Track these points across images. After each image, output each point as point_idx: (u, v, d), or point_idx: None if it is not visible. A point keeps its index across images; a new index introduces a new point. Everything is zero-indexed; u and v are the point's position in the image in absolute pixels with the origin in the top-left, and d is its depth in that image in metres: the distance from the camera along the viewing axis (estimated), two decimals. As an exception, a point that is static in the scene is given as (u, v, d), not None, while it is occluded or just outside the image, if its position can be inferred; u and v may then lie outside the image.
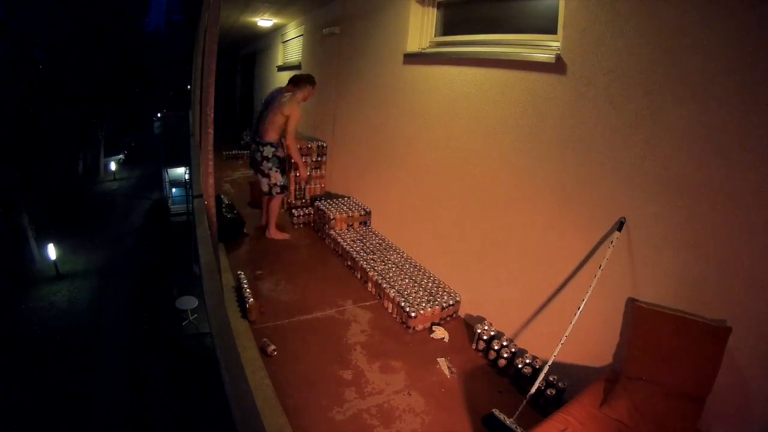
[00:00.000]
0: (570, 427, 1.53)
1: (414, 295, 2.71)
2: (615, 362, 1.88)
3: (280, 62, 7.39)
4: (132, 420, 7.46)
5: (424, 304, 2.61)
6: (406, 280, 2.90)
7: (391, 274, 2.97)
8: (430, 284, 2.86)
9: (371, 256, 3.22)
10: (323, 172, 4.63)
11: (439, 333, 2.55)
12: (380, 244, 3.46)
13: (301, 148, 4.10)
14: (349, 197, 4.21)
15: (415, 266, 3.12)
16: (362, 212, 3.82)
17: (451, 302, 2.69)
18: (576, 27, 1.94)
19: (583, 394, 1.71)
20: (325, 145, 4.58)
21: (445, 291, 2.80)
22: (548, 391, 1.98)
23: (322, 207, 3.87)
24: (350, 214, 3.75)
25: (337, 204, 3.94)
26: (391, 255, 3.27)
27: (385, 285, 2.81)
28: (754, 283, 1.44)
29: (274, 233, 3.77)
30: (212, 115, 1.98)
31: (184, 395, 7.79)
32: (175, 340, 9.31)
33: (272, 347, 2.27)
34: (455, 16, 3.09)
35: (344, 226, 3.74)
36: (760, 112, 1.38)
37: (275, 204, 3.71)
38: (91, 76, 17.24)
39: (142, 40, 21.24)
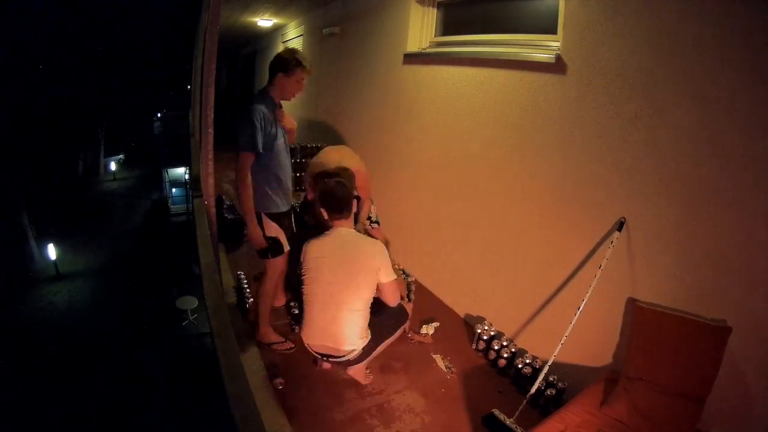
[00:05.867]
0: (570, 427, 1.53)
1: None
2: (615, 362, 1.88)
3: (280, 62, 7.38)
4: (132, 420, 7.46)
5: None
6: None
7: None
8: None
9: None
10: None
11: (427, 330, 2.54)
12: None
13: None
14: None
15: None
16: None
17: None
18: (576, 27, 1.94)
19: (583, 394, 1.71)
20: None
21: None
22: (548, 391, 1.98)
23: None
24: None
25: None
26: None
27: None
28: (754, 283, 1.44)
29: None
30: (212, 115, 1.98)
31: (184, 395, 7.79)
32: (175, 340, 9.32)
33: (280, 379, 2.04)
34: (455, 16, 3.09)
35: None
36: (760, 112, 1.38)
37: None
38: (91, 76, 17.24)
39: (142, 39, 21.25)
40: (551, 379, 2.00)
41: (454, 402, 2.07)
